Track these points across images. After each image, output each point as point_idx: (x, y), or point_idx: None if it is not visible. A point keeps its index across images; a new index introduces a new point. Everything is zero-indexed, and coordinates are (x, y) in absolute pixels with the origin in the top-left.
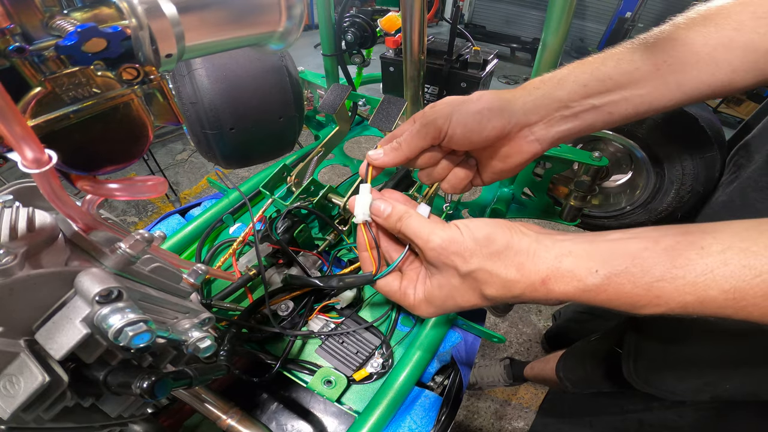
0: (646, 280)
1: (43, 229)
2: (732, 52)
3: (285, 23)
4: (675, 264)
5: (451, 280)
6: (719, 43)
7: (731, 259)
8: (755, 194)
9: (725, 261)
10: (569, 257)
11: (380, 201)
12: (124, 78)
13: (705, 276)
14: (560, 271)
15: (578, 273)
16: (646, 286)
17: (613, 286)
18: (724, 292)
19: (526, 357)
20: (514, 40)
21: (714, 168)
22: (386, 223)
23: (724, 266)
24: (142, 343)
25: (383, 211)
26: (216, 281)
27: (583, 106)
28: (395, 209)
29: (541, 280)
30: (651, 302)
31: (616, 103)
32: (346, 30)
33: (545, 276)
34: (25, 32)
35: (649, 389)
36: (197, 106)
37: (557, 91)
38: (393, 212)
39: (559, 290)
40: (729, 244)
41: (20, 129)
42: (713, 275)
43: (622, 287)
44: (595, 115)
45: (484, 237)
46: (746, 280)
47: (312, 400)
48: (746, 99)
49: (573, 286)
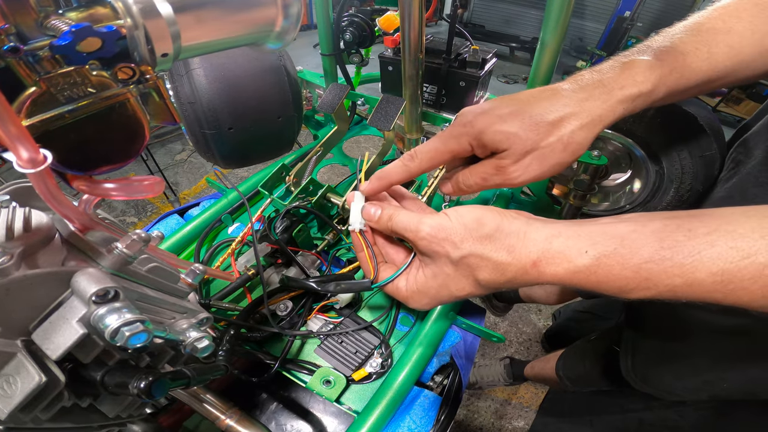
0: (634, 262)
1: (39, 229)
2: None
3: (282, 22)
4: (663, 245)
5: (444, 269)
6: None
7: (718, 240)
8: (755, 189)
9: (712, 242)
10: (559, 238)
11: (370, 205)
12: (119, 77)
13: (692, 257)
14: (550, 252)
15: (568, 254)
16: (634, 268)
17: (602, 267)
18: (712, 275)
19: (526, 356)
20: (513, 39)
21: (713, 167)
22: (378, 226)
23: (711, 247)
24: (139, 343)
25: (374, 214)
26: (214, 281)
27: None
28: (384, 211)
29: (532, 262)
30: (640, 285)
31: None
32: (344, 29)
33: (536, 258)
34: (19, 32)
35: (647, 388)
36: (195, 105)
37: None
38: (383, 214)
39: (550, 272)
40: (715, 226)
41: (15, 129)
42: (700, 257)
43: (612, 269)
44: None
45: (473, 220)
46: (733, 262)
47: (311, 400)
48: (746, 98)
49: (563, 267)
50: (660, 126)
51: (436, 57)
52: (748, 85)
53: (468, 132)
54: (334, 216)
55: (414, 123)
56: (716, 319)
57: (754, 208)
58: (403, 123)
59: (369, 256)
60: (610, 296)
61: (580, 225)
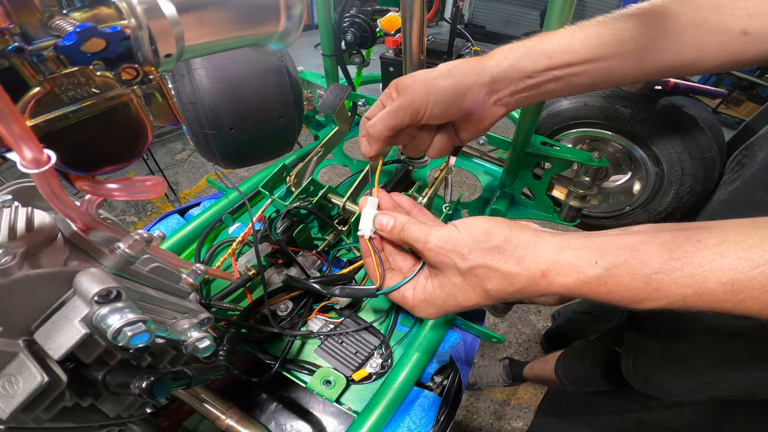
0: (644, 272)
1: (42, 229)
2: (702, 32)
3: (284, 23)
4: (672, 256)
5: (452, 279)
6: (690, 22)
7: (727, 251)
8: (762, 194)
9: (722, 253)
10: (569, 249)
11: (382, 215)
12: (123, 78)
13: (702, 268)
14: (560, 263)
15: (578, 264)
16: (644, 278)
17: (612, 278)
18: (722, 285)
19: (525, 357)
20: (513, 40)
21: (713, 168)
22: (390, 236)
23: (721, 258)
24: (140, 343)
25: (386, 224)
26: (215, 281)
27: (546, 76)
28: (397, 221)
29: (542, 272)
30: (650, 295)
31: (577, 74)
32: (345, 30)
33: (545, 268)
34: (24, 32)
35: (648, 389)
36: (197, 106)
37: (523, 61)
38: (395, 224)
39: (559, 283)
40: (725, 237)
41: (19, 129)
42: (710, 267)
43: (622, 279)
44: (556, 84)
45: (481, 232)
46: (744, 272)
47: (311, 400)
48: (746, 99)
49: (573, 278)
50: (660, 128)
51: (437, 58)
52: (748, 87)
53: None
54: (334, 216)
55: None
56: (718, 321)
57: (763, 219)
58: None
59: (376, 262)
60: (620, 306)
61: (589, 237)
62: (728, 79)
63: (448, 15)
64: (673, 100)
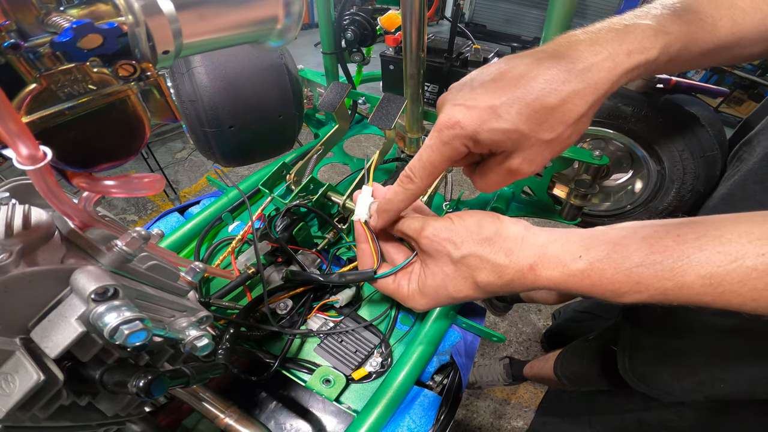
0: (626, 266)
1: (39, 226)
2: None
3: (283, 20)
4: (653, 250)
5: (444, 268)
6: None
7: (706, 245)
8: (756, 186)
9: (700, 247)
10: (555, 244)
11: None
12: (120, 75)
13: (681, 261)
14: (546, 257)
15: (563, 258)
16: (626, 272)
17: (595, 271)
18: (701, 278)
19: (525, 356)
20: (514, 39)
21: (715, 167)
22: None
23: (699, 252)
24: (138, 341)
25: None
26: (214, 279)
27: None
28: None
29: (529, 266)
30: (632, 288)
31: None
32: (346, 28)
33: (533, 262)
34: (20, 29)
35: (644, 388)
36: (197, 104)
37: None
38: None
39: (546, 276)
40: (703, 232)
41: (15, 125)
42: (689, 260)
43: (604, 273)
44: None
45: (474, 223)
46: (722, 266)
47: (311, 399)
48: (747, 99)
49: (558, 271)
50: (662, 126)
51: (437, 56)
52: (749, 86)
53: (459, 134)
54: (334, 215)
55: (415, 122)
56: (714, 320)
57: (745, 214)
58: (404, 122)
59: (373, 245)
60: (604, 300)
61: (575, 232)
62: (730, 78)
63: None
64: (674, 99)
